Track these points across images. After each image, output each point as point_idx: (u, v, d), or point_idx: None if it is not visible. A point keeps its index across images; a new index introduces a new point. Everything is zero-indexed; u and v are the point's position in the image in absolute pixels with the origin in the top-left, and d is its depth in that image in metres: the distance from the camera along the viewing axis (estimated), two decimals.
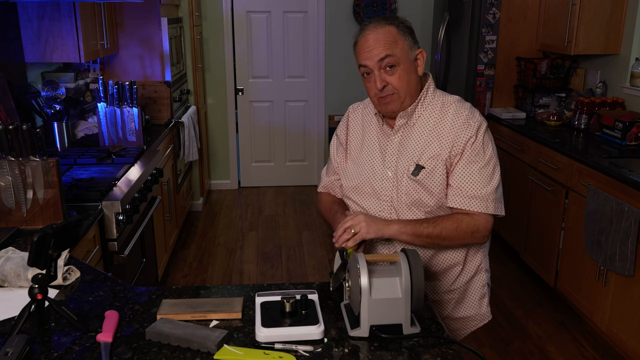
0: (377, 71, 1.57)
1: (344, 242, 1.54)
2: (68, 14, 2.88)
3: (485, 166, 1.61)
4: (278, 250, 4.23)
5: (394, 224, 1.58)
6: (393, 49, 1.55)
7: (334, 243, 1.57)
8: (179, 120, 4.11)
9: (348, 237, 1.54)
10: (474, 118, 1.63)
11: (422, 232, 1.58)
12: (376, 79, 1.58)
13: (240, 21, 5.29)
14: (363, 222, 1.55)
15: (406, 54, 1.58)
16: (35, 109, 2.93)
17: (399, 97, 1.60)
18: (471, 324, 1.84)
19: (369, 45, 1.57)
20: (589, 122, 3.60)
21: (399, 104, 1.62)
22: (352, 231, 1.54)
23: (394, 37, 1.56)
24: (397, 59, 1.56)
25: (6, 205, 1.89)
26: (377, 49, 1.55)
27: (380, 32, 1.57)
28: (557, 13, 3.86)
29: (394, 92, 1.59)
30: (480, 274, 1.79)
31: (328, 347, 1.27)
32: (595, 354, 2.91)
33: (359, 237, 1.54)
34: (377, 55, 1.56)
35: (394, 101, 1.61)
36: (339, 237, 1.56)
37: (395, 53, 1.56)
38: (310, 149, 5.67)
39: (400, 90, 1.59)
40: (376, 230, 1.56)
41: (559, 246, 3.29)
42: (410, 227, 1.58)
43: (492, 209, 1.61)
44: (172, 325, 1.30)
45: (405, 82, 1.59)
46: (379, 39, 1.56)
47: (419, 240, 1.59)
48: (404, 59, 1.57)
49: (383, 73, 1.57)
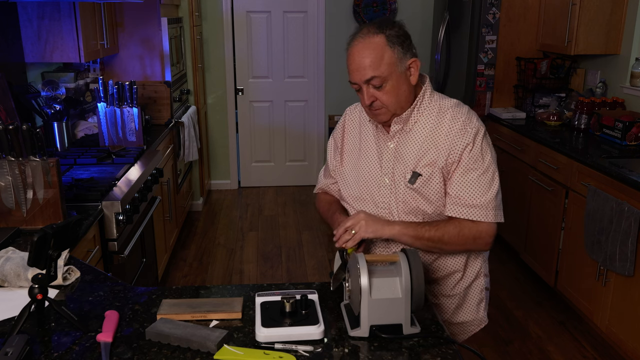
0: (365, 88, 1.54)
1: (344, 242, 1.54)
2: (68, 14, 2.88)
3: (484, 173, 1.57)
4: (278, 250, 4.23)
5: (395, 225, 1.57)
6: (378, 67, 1.50)
7: (335, 243, 1.56)
8: (179, 120, 4.12)
9: (348, 238, 1.53)
10: (471, 124, 1.59)
11: (423, 235, 1.56)
12: (364, 95, 1.55)
13: (240, 21, 5.29)
14: (362, 220, 1.54)
15: (394, 67, 1.52)
16: (35, 109, 2.93)
17: (388, 111, 1.58)
18: (469, 329, 1.83)
19: (355, 62, 1.52)
20: (589, 122, 3.60)
21: (389, 116, 1.59)
22: (352, 232, 1.53)
23: (381, 51, 1.50)
24: (384, 77, 1.51)
25: (6, 205, 1.89)
26: (362, 70, 1.51)
27: (366, 47, 1.50)
28: (557, 13, 3.86)
29: (383, 106, 1.57)
30: (480, 278, 1.77)
31: (328, 347, 1.27)
32: (595, 354, 2.91)
33: (358, 237, 1.53)
34: (362, 76, 1.52)
35: (383, 114, 1.59)
36: (340, 237, 1.55)
37: (381, 72, 1.50)
38: (310, 149, 5.67)
39: (389, 105, 1.56)
40: (375, 230, 1.54)
41: (559, 246, 3.29)
42: (412, 229, 1.57)
43: (492, 216, 1.57)
44: (172, 325, 1.30)
45: (394, 97, 1.55)
46: (365, 56, 1.50)
47: (420, 243, 1.57)
48: (392, 73, 1.52)
49: (371, 89, 1.54)
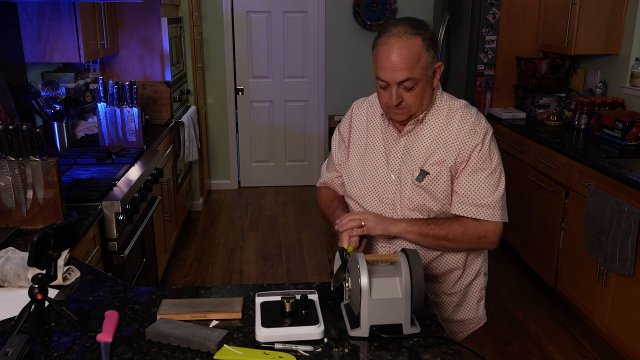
0: (395, 87, 1.54)
1: (347, 228, 1.53)
2: (68, 14, 2.88)
3: (491, 174, 1.60)
4: (278, 250, 4.23)
5: (401, 223, 1.59)
6: (414, 69, 1.50)
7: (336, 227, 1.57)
8: (179, 120, 4.12)
9: (353, 226, 1.54)
10: (480, 125, 1.61)
11: (428, 233, 1.58)
12: (393, 94, 1.55)
13: (240, 21, 5.29)
14: (370, 218, 1.56)
15: (426, 70, 1.53)
16: (35, 109, 2.93)
17: (410, 111, 1.60)
18: (469, 326, 1.85)
19: (391, 62, 1.50)
20: (589, 122, 3.60)
21: (408, 116, 1.61)
22: (362, 223, 1.54)
23: (418, 54, 1.50)
24: (417, 80, 1.52)
25: (6, 205, 1.89)
26: (399, 70, 1.50)
27: (405, 47, 1.49)
28: (557, 13, 3.86)
29: (406, 107, 1.58)
30: (480, 277, 1.79)
31: (328, 347, 1.27)
32: (595, 354, 2.91)
33: (366, 231, 1.55)
34: (398, 77, 1.51)
35: (404, 113, 1.60)
36: (344, 224, 1.55)
37: (416, 74, 1.51)
38: (310, 149, 5.67)
39: (413, 107, 1.58)
40: (383, 228, 1.57)
41: (559, 246, 3.29)
42: (417, 226, 1.59)
43: (499, 216, 1.60)
44: (172, 325, 1.30)
45: (420, 99, 1.57)
46: (403, 56, 1.49)
47: (425, 241, 1.59)
48: (424, 76, 1.54)
49: (400, 89, 1.54)
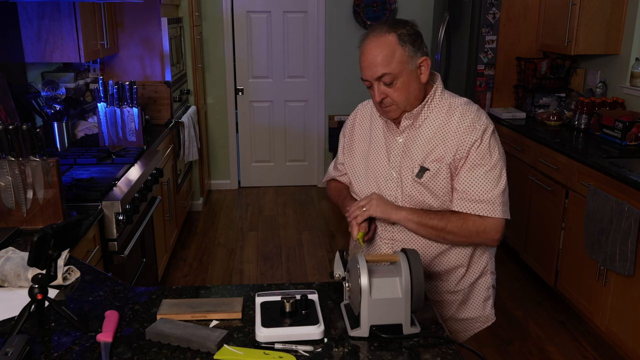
0: (376, 85, 1.59)
1: (355, 217, 1.63)
2: (68, 14, 2.88)
3: (491, 170, 1.60)
4: (278, 250, 4.23)
5: (402, 211, 1.63)
6: (389, 64, 1.54)
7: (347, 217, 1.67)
8: (179, 120, 4.11)
9: (359, 213, 1.63)
10: (480, 121, 1.63)
11: (427, 223, 1.61)
12: (375, 92, 1.60)
13: (240, 21, 5.29)
14: (374, 200, 1.63)
15: (405, 64, 1.56)
16: (35, 109, 2.93)
17: (398, 108, 1.62)
18: (475, 325, 1.84)
19: (367, 60, 1.57)
20: (589, 122, 3.60)
21: (399, 112, 1.64)
22: (363, 209, 1.63)
23: (392, 49, 1.54)
24: (394, 75, 1.56)
25: (6, 205, 1.89)
26: (373, 67, 1.56)
27: (378, 45, 1.55)
28: (557, 13, 3.86)
29: (393, 103, 1.61)
30: (486, 276, 1.79)
31: (328, 347, 1.27)
32: (595, 354, 2.91)
33: (367, 214, 1.62)
34: (375, 73, 1.56)
35: (393, 110, 1.63)
36: (351, 212, 1.65)
37: (392, 69, 1.55)
38: (310, 149, 5.67)
39: (399, 102, 1.61)
40: (383, 211, 1.62)
41: (559, 246, 3.29)
42: (417, 216, 1.62)
43: (500, 212, 1.60)
44: (172, 325, 1.30)
45: (404, 94, 1.59)
46: (375, 54, 1.55)
47: (424, 230, 1.63)
48: (403, 70, 1.56)
49: (382, 86, 1.58)
